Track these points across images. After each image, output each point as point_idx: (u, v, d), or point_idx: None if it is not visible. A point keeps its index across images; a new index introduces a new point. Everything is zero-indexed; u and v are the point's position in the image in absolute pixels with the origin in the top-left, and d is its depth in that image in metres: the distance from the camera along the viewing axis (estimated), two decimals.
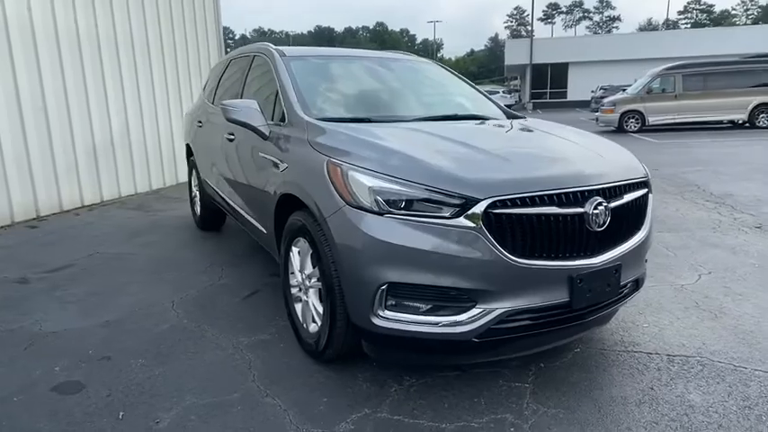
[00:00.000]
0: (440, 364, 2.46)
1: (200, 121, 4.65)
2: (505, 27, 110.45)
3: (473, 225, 1.98)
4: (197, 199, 5.14)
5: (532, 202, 2.05)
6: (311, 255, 2.48)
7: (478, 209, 1.99)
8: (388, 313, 2.09)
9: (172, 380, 2.43)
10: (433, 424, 2.09)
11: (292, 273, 2.75)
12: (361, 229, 2.07)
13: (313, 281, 2.52)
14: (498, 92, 38.66)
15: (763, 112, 15.30)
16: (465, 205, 2.00)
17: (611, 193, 2.26)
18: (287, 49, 3.50)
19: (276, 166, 2.77)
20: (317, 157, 2.41)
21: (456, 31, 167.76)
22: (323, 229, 2.26)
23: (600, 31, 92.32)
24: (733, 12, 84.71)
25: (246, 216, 3.49)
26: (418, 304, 2.07)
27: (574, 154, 2.49)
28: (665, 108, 15.74)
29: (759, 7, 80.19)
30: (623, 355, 2.63)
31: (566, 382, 2.37)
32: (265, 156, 2.95)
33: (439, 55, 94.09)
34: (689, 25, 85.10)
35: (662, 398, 2.24)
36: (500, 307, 2.04)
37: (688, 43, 35.00)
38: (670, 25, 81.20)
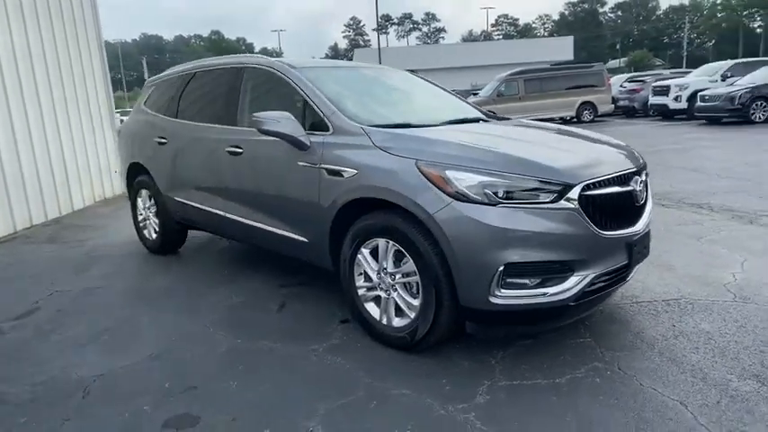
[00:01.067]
0: (540, 329, 2.83)
1: (162, 138, 4.36)
2: (344, 36, 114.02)
3: (572, 206, 2.39)
4: (150, 221, 4.77)
5: (606, 183, 2.53)
6: (394, 252, 2.66)
7: (574, 193, 2.40)
8: (503, 291, 2.39)
9: (286, 393, 2.43)
10: (549, 380, 2.44)
11: (360, 274, 2.88)
12: (478, 220, 2.35)
13: (398, 277, 2.69)
14: None
15: (586, 109, 18.29)
16: (563, 191, 2.39)
17: (641, 173, 2.83)
18: (288, 61, 3.55)
19: (337, 174, 2.87)
20: (400, 160, 2.63)
21: (295, 40, 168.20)
22: (427, 224, 2.47)
23: (429, 41, 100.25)
24: (533, 25, 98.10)
25: (267, 228, 3.44)
26: (529, 279, 2.40)
27: (607, 144, 3.04)
28: (513, 108, 17.88)
29: (552, 21, 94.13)
30: (634, 306, 3.24)
31: (612, 332, 2.89)
32: (311, 165, 3.02)
33: None
34: (501, 36, 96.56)
35: (686, 331, 2.87)
36: (590, 272, 2.46)
37: (503, 52, 39.98)
38: (486, 36, 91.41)
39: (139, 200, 4.86)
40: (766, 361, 2.52)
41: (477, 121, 3.65)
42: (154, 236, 4.77)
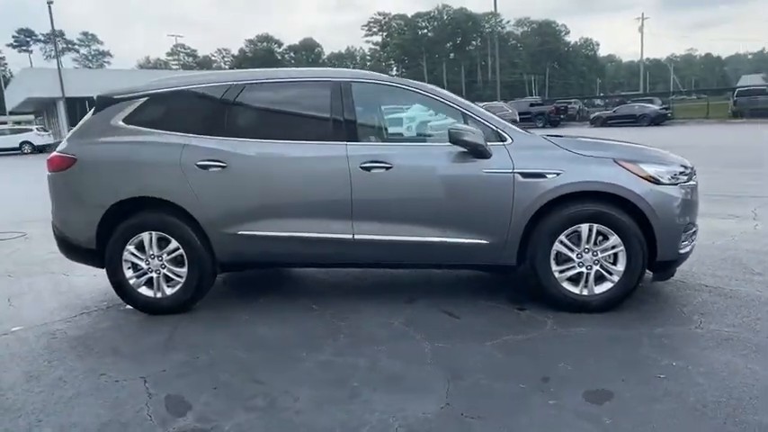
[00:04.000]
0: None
1: (212, 161, 3.59)
2: None
3: (695, 183, 3.55)
4: (161, 272, 3.74)
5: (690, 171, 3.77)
6: (596, 232, 3.34)
7: (694, 178, 3.57)
8: (683, 244, 3.40)
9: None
10: (634, 331, 3.22)
11: (553, 258, 3.41)
12: (671, 195, 3.33)
13: (600, 254, 3.37)
14: (32, 129, 33.02)
15: None
16: (691, 173, 3.53)
17: None
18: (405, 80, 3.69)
19: (537, 176, 3.33)
20: (598, 159, 3.37)
21: None
22: (637, 204, 3.28)
23: (91, 65, 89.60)
24: (213, 58, 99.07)
25: (424, 239, 3.49)
26: (693, 233, 3.47)
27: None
28: None
29: (232, 56, 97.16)
30: (668, 286, 4.37)
31: (659, 310, 4.14)
32: (501, 171, 3.37)
33: None
34: (179, 66, 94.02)
35: (721, 311, 3.87)
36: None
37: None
38: (161, 65, 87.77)
39: (130, 250, 3.73)
40: None
41: None
42: (169, 290, 3.78)
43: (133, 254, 3.77)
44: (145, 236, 3.74)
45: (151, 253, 3.76)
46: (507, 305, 3.67)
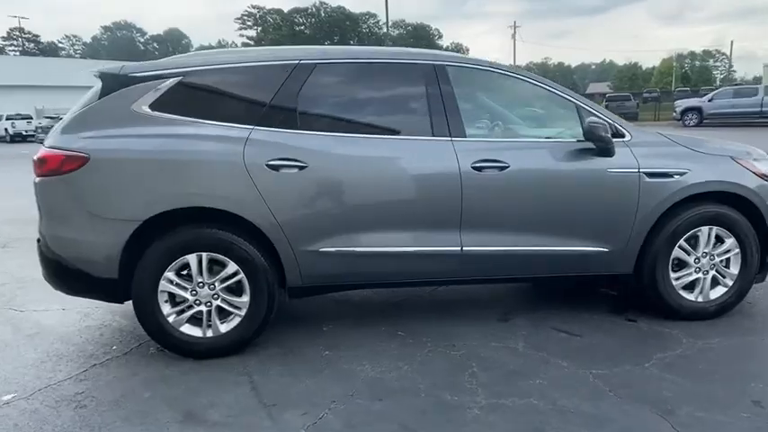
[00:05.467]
0: None
1: (287, 161, 2.80)
2: None
3: None
4: (214, 304, 2.85)
5: None
6: (715, 236, 3.21)
7: None
8: None
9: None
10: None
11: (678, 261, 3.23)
12: None
13: (716, 258, 3.23)
14: None
15: None
16: None
17: None
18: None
19: (664, 176, 3.09)
20: (719, 158, 3.24)
21: None
22: (758, 206, 3.18)
23: None
24: (60, 44, 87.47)
25: (538, 249, 3.08)
26: None
27: None
28: None
29: (83, 44, 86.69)
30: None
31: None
32: (627, 171, 3.07)
33: None
34: (18, 52, 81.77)
35: None
36: None
37: (68, 73, 34.96)
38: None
39: (170, 277, 2.81)
40: None
41: None
42: (224, 327, 2.89)
43: (174, 283, 2.86)
44: (191, 259, 2.85)
45: (200, 281, 2.88)
46: (613, 317, 3.41)
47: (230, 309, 2.93)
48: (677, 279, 3.24)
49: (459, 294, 3.88)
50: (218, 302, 2.92)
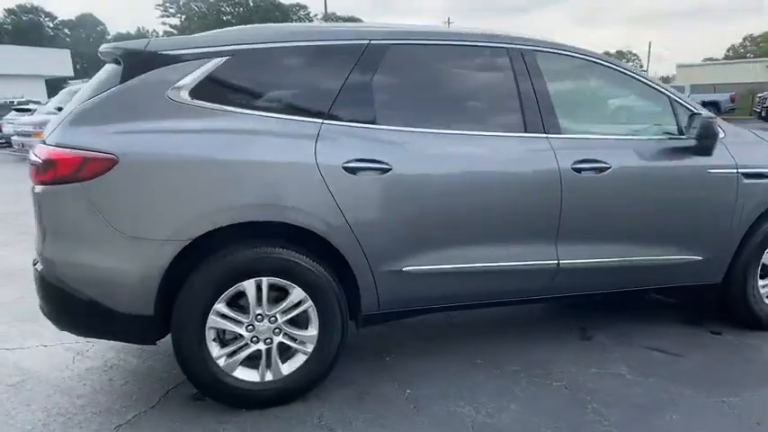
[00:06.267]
0: None
1: (379, 163, 2.28)
2: None
3: None
4: (275, 339, 2.27)
5: None
6: None
7: None
8: None
9: None
10: None
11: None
12: None
13: None
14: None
15: None
16: None
17: None
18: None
19: (760, 176, 2.87)
20: None
21: None
22: None
23: None
24: None
25: (632, 259, 2.76)
26: None
27: None
28: None
29: None
30: None
31: None
32: (726, 171, 2.82)
33: None
34: None
35: None
36: None
37: None
38: None
39: (220, 310, 2.22)
40: None
41: None
42: (287, 368, 2.33)
43: (226, 317, 2.26)
44: (248, 286, 2.26)
45: (258, 312, 2.30)
46: (693, 329, 3.15)
47: (294, 345, 2.38)
48: (763, 286, 3.05)
49: (515, 309, 3.51)
50: (281, 338, 2.35)
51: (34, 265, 2.37)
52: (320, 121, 2.34)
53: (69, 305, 2.24)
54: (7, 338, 3.12)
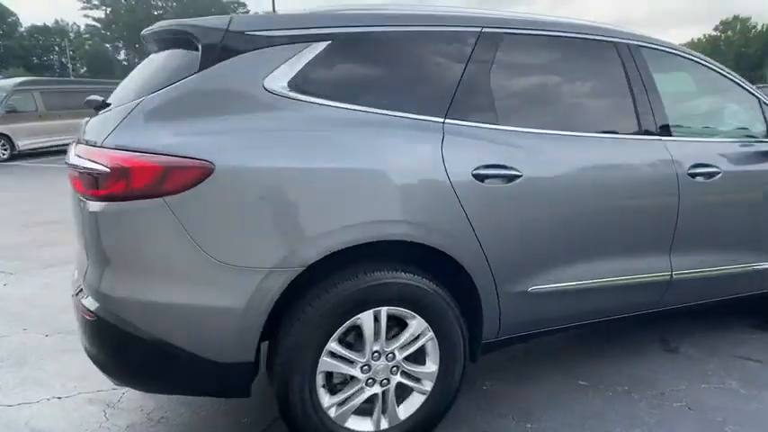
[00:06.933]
0: None
1: (509, 169, 1.95)
2: None
3: None
4: (393, 379, 1.91)
5: None
6: None
7: None
8: None
9: None
10: None
11: None
12: None
13: None
14: None
15: None
16: None
17: None
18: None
19: None
20: None
21: None
22: None
23: None
24: None
25: (740, 268, 2.63)
26: None
27: None
28: (34, 129, 13.70)
29: None
30: None
31: None
32: None
33: None
34: None
35: None
36: None
37: None
38: None
39: (333, 348, 1.83)
40: None
41: None
42: (404, 411, 1.97)
43: (338, 356, 1.86)
44: (365, 318, 1.87)
45: (375, 349, 1.91)
46: (750, 332, 3.07)
47: (411, 384, 2.01)
48: None
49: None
50: (399, 377, 1.98)
51: (76, 296, 1.86)
52: (441, 120, 1.99)
53: (139, 354, 1.76)
54: (6, 390, 2.53)
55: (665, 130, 2.42)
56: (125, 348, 1.77)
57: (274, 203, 1.73)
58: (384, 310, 1.90)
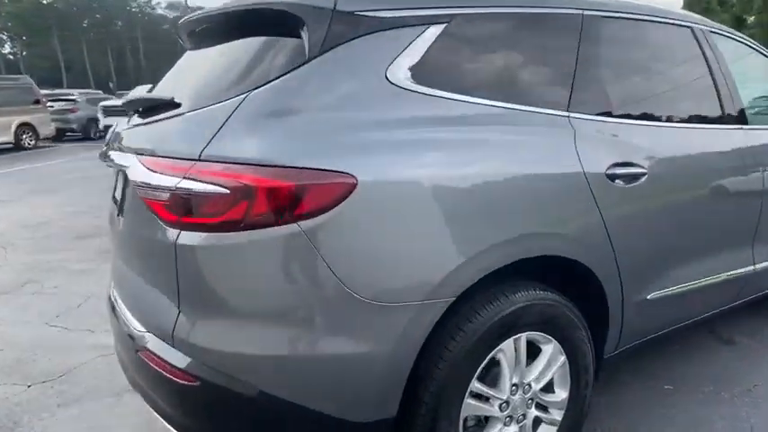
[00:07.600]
0: None
1: (638, 168, 1.75)
2: None
3: None
4: (529, 412, 1.64)
5: None
6: None
7: None
8: None
9: None
10: None
11: None
12: None
13: None
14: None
15: (26, 132, 14.43)
16: None
17: None
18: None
19: None
20: None
21: None
22: None
23: None
24: None
25: None
26: None
27: None
28: None
29: None
30: None
31: None
32: None
33: None
34: None
35: None
36: None
37: None
38: None
39: (476, 389, 1.53)
40: None
41: None
42: None
43: (479, 396, 1.58)
44: (506, 348, 1.60)
45: (514, 382, 1.65)
46: None
47: (542, 415, 1.77)
48: None
49: None
50: (534, 411, 1.73)
51: (138, 352, 1.45)
52: (566, 113, 1.75)
53: (247, 419, 1.37)
54: None
55: (741, 118, 2.35)
56: (234, 414, 1.37)
57: (422, 224, 1.40)
58: (524, 337, 1.64)
